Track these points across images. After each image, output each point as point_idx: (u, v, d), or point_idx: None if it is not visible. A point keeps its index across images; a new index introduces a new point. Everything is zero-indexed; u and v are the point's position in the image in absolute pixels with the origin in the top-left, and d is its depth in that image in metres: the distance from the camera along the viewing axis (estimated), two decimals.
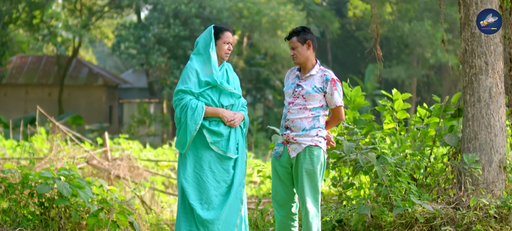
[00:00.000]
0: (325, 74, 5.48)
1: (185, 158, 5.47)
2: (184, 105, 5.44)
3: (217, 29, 5.62)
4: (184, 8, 30.31)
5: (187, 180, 5.41)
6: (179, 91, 5.49)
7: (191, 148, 5.45)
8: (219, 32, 5.61)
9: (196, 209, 5.34)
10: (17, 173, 7.03)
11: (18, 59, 34.04)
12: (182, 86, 5.49)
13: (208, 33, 5.61)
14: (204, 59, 5.56)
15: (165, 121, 32.54)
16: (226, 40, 5.62)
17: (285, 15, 30.60)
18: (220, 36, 5.60)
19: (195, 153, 5.45)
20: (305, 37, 5.51)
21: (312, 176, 5.42)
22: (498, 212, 6.25)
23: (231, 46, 5.66)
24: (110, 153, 12.49)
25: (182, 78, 5.53)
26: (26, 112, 31.54)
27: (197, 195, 5.38)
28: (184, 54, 30.68)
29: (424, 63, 34.68)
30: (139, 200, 10.24)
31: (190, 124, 5.40)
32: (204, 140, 5.46)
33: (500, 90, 6.57)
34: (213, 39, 5.57)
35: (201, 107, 5.44)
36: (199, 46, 5.61)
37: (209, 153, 5.44)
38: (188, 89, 5.48)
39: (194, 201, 5.37)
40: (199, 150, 5.44)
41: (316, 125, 5.44)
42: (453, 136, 6.86)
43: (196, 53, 5.60)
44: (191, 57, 5.59)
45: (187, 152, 5.45)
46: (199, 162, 5.43)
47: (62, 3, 32.87)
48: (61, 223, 6.79)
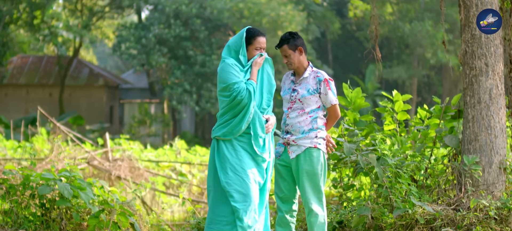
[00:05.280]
0: (318, 75, 5.57)
1: (224, 161, 5.31)
2: (243, 88, 5.26)
3: (249, 34, 5.41)
4: (185, 9, 30.32)
5: (229, 184, 5.26)
6: (232, 84, 5.27)
7: (230, 150, 5.31)
8: (251, 38, 5.40)
9: (239, 212, 5.21)
10: (18, 174, 7.05)
11: (19, 59, 34.06)
12: (233, 79, 5.28)
13: (239, 37, 5.42)
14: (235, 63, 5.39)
15: (166, 121, 32.55)
16: (258, 46, 5.41)
17: (285, 15, 30.62)
18: (252, 41, 5.40)
19: (234, 155, 5.32)
20: (295, 43, 5.57)
21: (312, 177, 5.49)
22: (498, 214, 6.26)
23: (264, 52, 5.45)
24: (111, 153, 12.50)
25: (226, 77, 5.30)
26: (27, 113, 31.56)
27: (241, 198, 5.23)
28: (184, 55, 30.69)
29: (425, 63, 34.69)
30: (140, 200, 10.25)
31: (251, 105, 5.26)
32: (245, 142, 5.33)
33: (500, 91, 6.58)
34: (244, 44, 5.39)
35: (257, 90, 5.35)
36: (230, 49, 5.42)
37: (248, 156, 5.32)
38: (239, 80, 5.29)
39: (237, 205, 5.23)
40: (238, 152, 5.31)
41: (314, 127, 5.52)
42: (454, 137, 6.87)
43: (228, 56, 5.41)
44: (223, 57, 5.41)
45: (226, 154, 5.30)
46: (240, 164, 5.29)
47: (63, 3, 32.89)
48: (62, 224, 6.81)
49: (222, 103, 5.37)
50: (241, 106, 5.26)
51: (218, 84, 5.37)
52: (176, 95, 30.38)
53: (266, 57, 5.46)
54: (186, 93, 30.34)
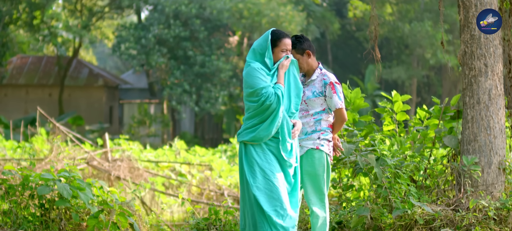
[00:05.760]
0: (324, 78, 5.55)
1: (253, 165, 5.26)
2: (272, 93, 5.19)
3: (275, 36, 5.33)
4: (185, 9, 30.32)
5: (259, 188, 5.21)
6: (260, 89, 5.20)
7: (259, 153, 5.26)
8: (277, 40, 5.32)
9: (272, 216, 5.16)
10: (17, 175, 7.05)
11: (19, 59, 34.06)
12: (261, 84, 5.21)
13: (264, 40, 5.34)
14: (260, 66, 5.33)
15: (165, 122, 32.55)
16: (284, 48, 5.33)
17: (285, 15, 30.62)
18: (278, 44, 5.32)
19: (263, 158, 5.26)
20: (302, 47, 5.55)
21: (314, 178, 5.49)
22: (497, 214, 6.26)
23: (290, 54, 5.38)
24: (111, 153, 12.50)
25: (253, 81, 5.23)
26: (27, 113, 31.56)
27: (272, 203, 5.19)
28: (184, 55, 30.69)
29: (424, 64, 34.70)
30: (139, 201, 10.25)
31: (280, 110, 5.20)
32: (273, 146, 5.28)
33: (499, 92, 6.58)
34: (270, 47, 5.31)
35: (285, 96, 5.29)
36: (255, 52, 5.35)
37: (275, 160, 5.27)
38: (267, 85, 5.23)
39: (269, 209, 5.17)
40: (268, 156, 5.26)
41: (317, 128, 5.52)
42: (453, 137, 6.88)
43: (253, 59, 5.34)
44: (248, 61, 5.34)
45: (255, 158, 5.24)
46: (269, 168, 5.23)
47: (63, 3, 32.89)
48: (62, 225, 6.81)
49: (249, 108, 5.29)
50: (269, 111, 5.20)
51: (245, 89, 5.29)
52: (176, 95, 30.38)
53: (292, 59, 5.39)
54: (185, 94, 30.34)
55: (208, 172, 13.36)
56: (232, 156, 16.37)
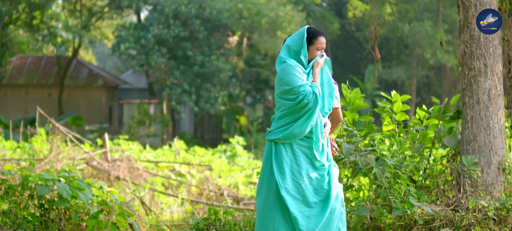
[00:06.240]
0: None
1: (283, 165, 5.18)
2: (310, 92, 5.09)
3: (311, 33, 5.24)
4: (184, 9, 30.33)
5: (287, 190, 5.13)
6: (298, 87, 5.09)
7: (289, 154, 5.19)
8: (313, 37, 5.24)
9: (298, 219, 5.09)
10: (17, 175, 7.05)
11: (18, 59, 34.06)
12: (298, 82, 5.11)
13: (300, 37, 5.25)
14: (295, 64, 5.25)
15: (165, 122, 32.56)
16: (320, 46, 5.25)
17: (284, 16, 30.63)
18: (313, 41, 5.24)
19: (293, 160, 5.19)
20: None
21: None
22: (497, 214, 6.26)
23: (324, 52, 5.30)
24: (110, 154, 12.51)
25: (290, 79, 5.14)
26: (26, 113, 31.56)
27: (298, 205, 5.12)
28: (184, 55, 30.70)
29: (424, 64, 34.71)
30: (139, 201, 10.25)
31: (316, 109, 5.12)
32: (304, 146, 5.21)
33: (499, 92, 6.58)
34: (305, 44, 5.23)
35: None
36: (290, 49, 5.26)
37: (306, 160, 5.20)
38: (305, 83, 5.13)
39: (295, 211, 5.10)
40: (298, 157, 5.18)
41: None
42: (452, 137, 6.88)
43: (287, 56, 5.25)
44: (283, 58, 5.25)
45: (285, 158, 5.17)
46: (298, 169, 5.16)
47: (62, 3, 32.89)
48: (61, 225, 6.81)
49: (282, 105, 5.20)
50: (305, 110, 5.12)
51: (279, 86, 5.19)
52: (175, 95, 30.39)
53: (325, 58, 5.33)
54: (185, 94, 30.34)
55: (207, 172, 13.37)
56: (231, 156, 16.37)
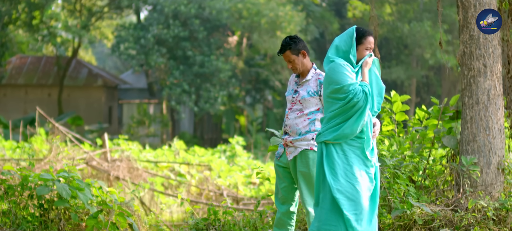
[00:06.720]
0: (319, 77, 5.56)
1: (334, 167, 5.12)
2: (360, 90, 5.06)
3: (360, 33, 5.20)
4: (184, 9, 30.33)
5: (340, 191, 5.07)
6: (348, 86, 5.05)
7: (340, 155, 5.13)
8: (362, 37, 5.20)
9: (351, 220, 5.05)
10: (16, 175, 7.05)
11: (18, 59, 34.06)
12: (348, 81, 5.06)
13: (349, 36, 5.21)
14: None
15: (164, 122, 32.56)
16: (368, 45, 5.22)
17: (284, 15, 30.63)
18: (362, 41, 5.20)
19: (345, 160, 5.14)
20: (297, 48, 5.53)
21: (308, 178, 5.49)
22: (496, 214, 6.27)
23: (372, 52, 5.26)
24: (110, 154, 12.51)
25: (340, 78, 5.09)
26: (26, 113, 31.56)
27: (352, 206, 5.08)
28: (183, 55, 30.70)
29: (424, 64, 34.72)
30: (139, 201, 10.26)
31: (367, 108, 5.07)
32: (355, 146, 5.16)
33: (498, 92, 6.59)
34: (354, 44, 5.18)
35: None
36: (338, 49, 5.21)
37: (358, 160, 5.16)
38: (355, 82, 5.09)
39: (349, 212, 5.06)
40: (349, 158, 5.14)
41: (312, 129, 5.49)
42: (452, 138, 6.88)
43: (336, 55, 5.21)
44: (331, 58, 5.20)
45: (337, 160, 5.12)
46: (350, 170, 5.11)
47: (62, 3, 32.89)
48: (61, 225, 6.81)
49: (331, 105, 5.14)
50: (355, 109, 5.07)
51: (328, 86, 5.14)
52: (175, 95, 30.38)
53: (373, 58, 5.30)
54: (185, 94, 30.34)
55: (207, 172, 13.37)
56: (231, 156, 16.38)
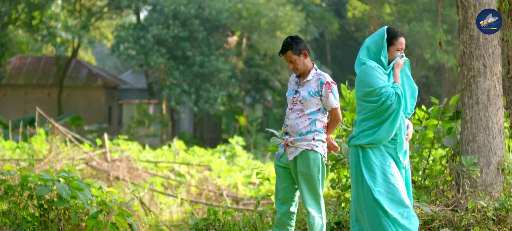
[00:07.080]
0: (320, 78, 5.53)
1: (373, 169, 5.15)
2: (392, 93, 5.07)
3: (391, 34, 5.23)
4: (183, 9, 30.33)
5: (381, 192, 5.11)
6: (380, 88, 5.06)
7: (378, 157, 5.17)
8: (393, 38, 5.23)
9: (398, 219, 5.07)
10: (16, 175, 7.05)
11: (18, 60, 34.05)
12: (380, 83, 5.07)
13: (380, 37, 5.23)
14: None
15: (164, 122, 32.56)
16: (400, 46, 5.24)
17: (284, 16, 30.63)
18: (394, 42, 5.23)
19: (383, 161, 5.17)
20: (299, 48, 5.52)
21: (309, 178, 5.47)
22: (496, 214, 6.27)
23: (403, 53, 5.26)
24: (109, 154, 12.51)
25: (372, 80, 5.10)
26: (26, 113, 31.55)
27: (396, 206, 5.10)
28: (183, 55, 30.70)
29: (423, 64, 34.72)
30: (138, 201, 10.26)
31: (400, 110, 5.07)
32: (390, 148, 5.19)
33: (498, 92, 6.59)
34: (385, 45, 5.21)
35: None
36: (369, 50, 5.24)
37: (393, 161, 5.21)
38: (387, 84, 5.10)
39: (394, 212, 5.08)
40: (387, 159, 5.17)
41: (312, 129, 5.47)
42: (452, 138, 6.88)
43: (367, 57, 5.23)
44: (362, 60, 5.23)
45: (375, 161, 5.16)
46: (389, 170, 5.14)
47: (62, 4, 32.89)
48: (61, 225, 6.81)
49: (364, 108, 5.16)
50: (389, 112, 5.08)
51: (360, 89, 5.15)
52: (175, 95, 30.38)
53: (405, 59, 5.28)
54: (184, 94, 30.34)
55: (207, 172, 13.37)
56: (231, 156, 16.37)
